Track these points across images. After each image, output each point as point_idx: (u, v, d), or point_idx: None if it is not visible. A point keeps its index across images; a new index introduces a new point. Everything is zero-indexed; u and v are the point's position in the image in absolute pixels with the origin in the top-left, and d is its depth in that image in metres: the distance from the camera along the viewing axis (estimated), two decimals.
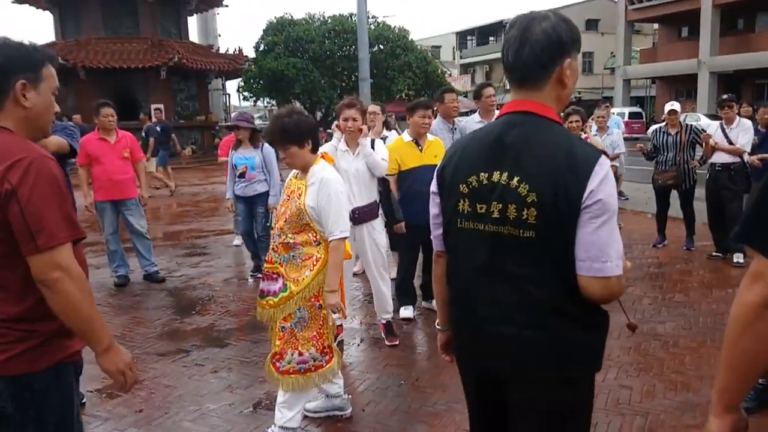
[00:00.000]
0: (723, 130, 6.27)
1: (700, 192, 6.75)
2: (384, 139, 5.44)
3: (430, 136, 4.82)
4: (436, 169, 1.81)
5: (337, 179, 3.01)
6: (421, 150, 4.70)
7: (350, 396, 3.43)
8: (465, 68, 52.04)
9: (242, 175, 5.87)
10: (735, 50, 28.81)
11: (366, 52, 13.45)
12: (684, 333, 4.40)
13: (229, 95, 30.06)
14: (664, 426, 3.10)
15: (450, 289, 1.79)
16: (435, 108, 5.44)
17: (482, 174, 1.60)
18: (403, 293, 4.89)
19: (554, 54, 1.54)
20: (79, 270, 1.63)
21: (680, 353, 4.03)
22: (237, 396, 3.61)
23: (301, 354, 2.94)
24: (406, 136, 4.77)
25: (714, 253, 6.48)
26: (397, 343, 4.32)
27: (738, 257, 6.08)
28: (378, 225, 4.31)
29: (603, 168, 1.49)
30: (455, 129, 5.59)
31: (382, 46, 28.09)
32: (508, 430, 1.73)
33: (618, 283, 1.50)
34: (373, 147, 4.25)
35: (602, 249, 1.47)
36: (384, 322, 4.41)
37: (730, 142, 6.17)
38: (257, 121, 31.38)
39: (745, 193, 6.22)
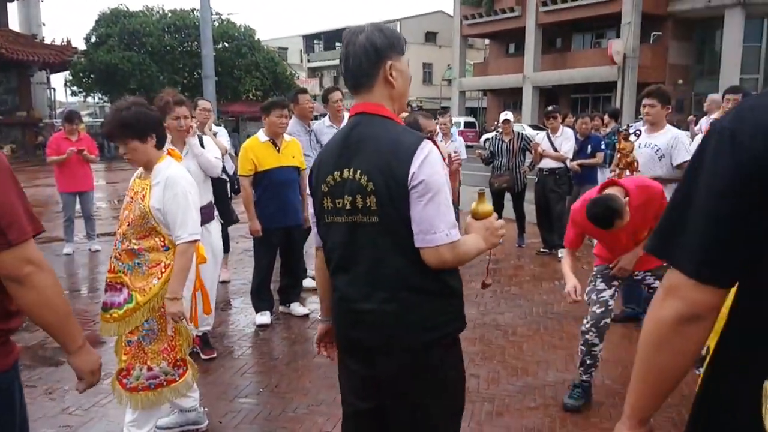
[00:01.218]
0: (549, 139, 6.95)
1: (529, 194, 7.40)
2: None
3: (287, 137, 4.76)
4: (310, 172, 1.95)
5: (185, 177, 2.81)
6: (278, 150, 4.63)
7: (206, 409, 3.28)
8: (313, 72, 52.18)
9: None
10: (554, 67, 32.07)
11: (210, 48, 13.00)
12: (521, 322, 4.80)
13: (54, 90, 27.34)
14: (510, 409, 3.36)
15: (329, 280, 1.92)
16: (291, 108, 5.41)
17: (336, 173, 1.79)
18: (260, 299, 4.78)
19: (373, 60, 1.75)
20: (48, 264, 1.56)
21: (518, 341, 4.40)
22: (76, 418, 3.29)
23: (150, 369, 2.76)
24: (262, 136, 4.65)
25: (542, 249, 7.16)
26: (215, 356, 4.06)
27: (562, 252, 6.75)
28: (214, 228, 4.10)
29: (424, 151, 1.67)
30: (312, 131, 5.60)
31: (227, 44, 27.23)
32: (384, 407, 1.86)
33: (449, 250, 1.67)
34: (202, 145, 4.06)
35: (431, 222, 1.66)
36: (200, 334, 3.99)
37: (555, 150, 6.86)
38: (86, 119, 28.69)
39: (568, 195, 6.95)
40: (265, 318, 4.73)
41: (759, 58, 27.35)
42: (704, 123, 8.53)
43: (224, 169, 5.51)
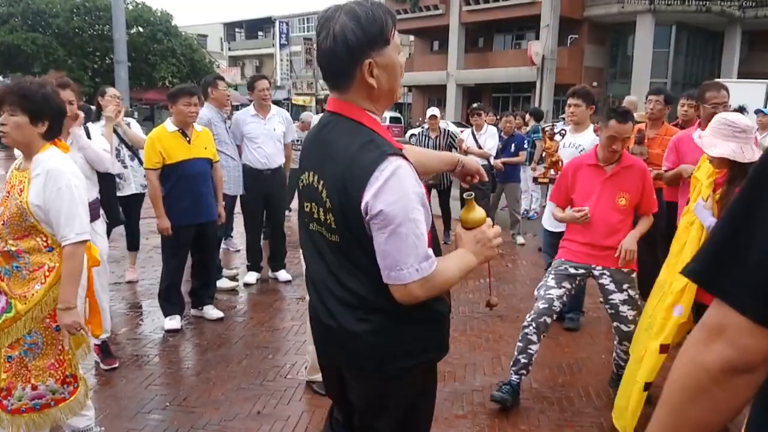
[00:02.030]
0: (474, 136, 6.92)
1: (455, 191, 7.35)
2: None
3: (198, 126, 4.41)
4: None
5: (71, 170, 2.43)
6: (188, 141, 4.28)
7: (103, 428, 2.93)
8: (234, 60, 50.76)
9: None
10: (477, 65, 32.71)
11: (122, 32, 12.20)
12: None
13: None
14: (437, 419, 3.19)
15: None
16: (210, 94, 5.09)
17: (305, 174, 1.61)
18: (169, 301, 4.40)
19: (346, 59, 1.46)
20: None
21: None
22: None
23: (35, 387, 2.42)
24: (171, 126, 4.28)
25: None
26: (116, 365, 3.71)
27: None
28: (99, 228, 3.66)
29: (383, 174, 1.39)
30: (227, 117, 5.31)
31: (141, 29, 25.87)
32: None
33: (420, 286, 1.45)
34: (88, 136, 3.68)
35: (396, 258, 1.43)
36: (99, 342, 3.63)
37: (480, 147, 6.82)
38: None
39: (492, 192, 6.95)
40: (174, 323, 4.36)
41: (668, 62, 28.97)
42: None
43: (141, 161, 5.12)
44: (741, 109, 6.79)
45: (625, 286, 3.28)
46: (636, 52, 28.46)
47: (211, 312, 4.63)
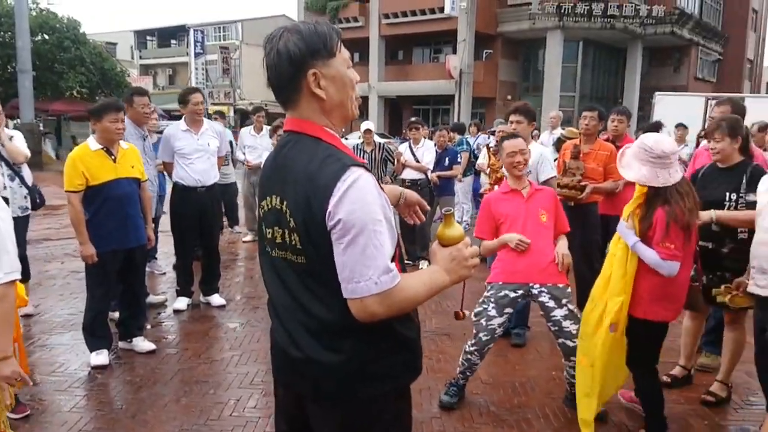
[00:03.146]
0: (411, 150, 6.87)
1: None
2: None
3: (124, 144, 4.10)
4: None
5: None
6: (114, 160, 3.95)
7: None
8: (146, 69, 48.76)
9: None
10: (397, 78, 33.10)
11: (26, 40, 11.44)
12: None
13: None
14: None
15: None
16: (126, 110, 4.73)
17: (267, 198, 1.55)
18: (95, 335, 4.01)
19: (290, 72, 1.47)
20: None
21: None
22: None
23: None
24: (94, 144, 3.94)
25: (406, 262, 7.03)
26: (28, 412, 3.29)
27: (424, 264, 6.71)
28: None
29: (345, 183, 1.38)
30: (147, 136, 4.98)
31: (47, 36, 24.18)
32: None
33: (379, 301, 1.39)
34: None
35: (353, 269, 1.38)
36: None
37: (417, 160, 6.79)
38: None
39: (430, 206, 6.91)
40: (102, 358, 3.98)
41: (576, 77, 30.49)
42: (545, 137, 9.11)
43: (23, 180, 4.66)
44: (658, 125, 7.14)
45: (564, 302, 3.34)
46: (547, 67, 29.77)
47: (142, 344, 4.27)
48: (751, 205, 3.21)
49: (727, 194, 3.36)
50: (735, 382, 3.73)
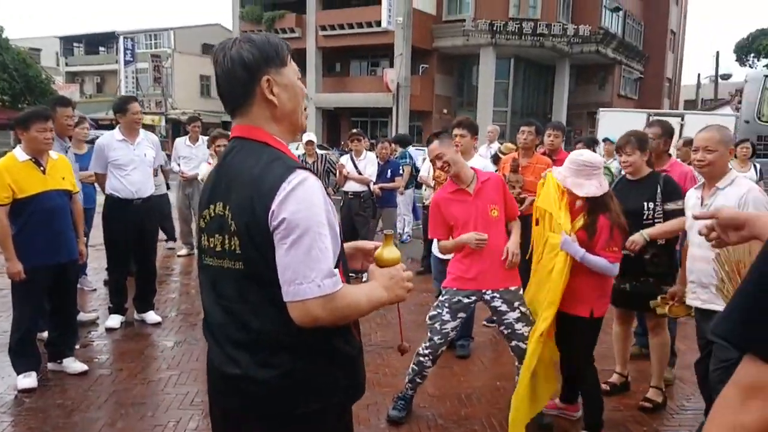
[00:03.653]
0: (353, 161, 6.86)
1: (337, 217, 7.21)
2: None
3: (53, 154, 3.91)
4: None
5: None
6: (43, 171, 3.76)
7: None
8: (72, 76, 46.71)
9: None
10: (335, 89, 33.10)
11: None
12: None
13: None
14: None
15: None
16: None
17: (210, 206, 1.52)
18: (23, 355, 3.78)
19: (244, 78, 1.47)
20: None
21: None
22: None
23: None
24: (21, 155, 3.73)
25: (350, 274, 6.98)
26: None
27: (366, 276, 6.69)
28: None
29: (291, 184, 1.37)
30: (69, 147, 4.83)
31: None
32: None
33: (321, 305, 1.36)
34: None
35: (297, 270, 1.36)
36: None
37: (359, 172, 6.78)
38: None
39: (372, 218, 6.92)
40: (30, 380, 3.74)
41: (508, 92, 31.41)
42: (482, 151, 9.30)
43: None
44: (594, 141, 7.49)
45: (516, 304, 3.40)
46: (480, 83, 30.55)
47: (73, 365, 4.05)
48: (669, 214, 3.47)
49: (645, 204, 3.55)
50: (671, 389, 3.91)
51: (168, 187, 7.98)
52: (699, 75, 36.89)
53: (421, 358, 3.46)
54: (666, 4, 38.48)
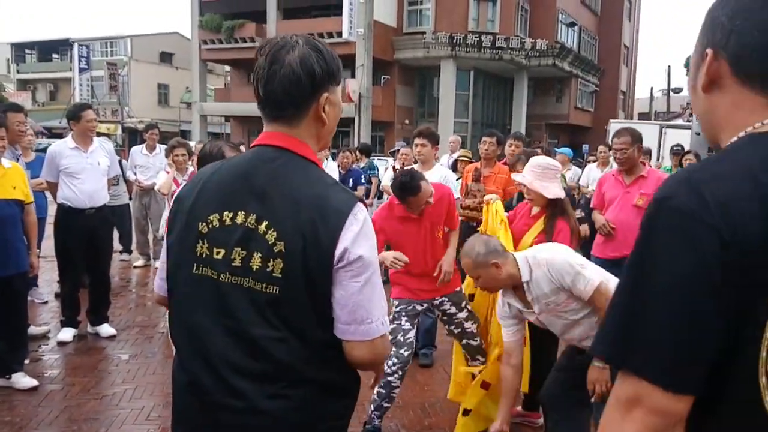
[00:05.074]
0: None
1: None
2: None
3: (5, 162, 3.78)
4: (173, 202, 1.47)
5: None
6: None
7: None
8: (24, 84, 45.33)
9: None
10: None
11: None
12: None
13: None
14: None
15: (175, 347, 1.46)
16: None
17: (226, 213, 1.35)
18: None
19: (307, 91, 1.36)
20: None
21: None
22: None
23: None
24: None
25: None
26: None
27: None
28: None
29: (358, 219, 1.31)
30: (20, 155, 4.67)
31: None
32: None
33: (383, 342, 1.36)
34: None
35: (368, 309, 1.31)
36: None
37: None
38: None
39: None
40: None
41: (468, 104, 31.86)
42: (444, 160, 9.39)
43: None
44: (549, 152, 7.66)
45: (463, 304, 3.51)
46: (441, 94, 30.90)
47: (22, 380, 3.88)
48: None
49: None
50: None
51: (130, 198, 7.76)
52: (652, 88, 38.28)
53: (390, 378, 3.23)
54: (619, 19, 39.74)
